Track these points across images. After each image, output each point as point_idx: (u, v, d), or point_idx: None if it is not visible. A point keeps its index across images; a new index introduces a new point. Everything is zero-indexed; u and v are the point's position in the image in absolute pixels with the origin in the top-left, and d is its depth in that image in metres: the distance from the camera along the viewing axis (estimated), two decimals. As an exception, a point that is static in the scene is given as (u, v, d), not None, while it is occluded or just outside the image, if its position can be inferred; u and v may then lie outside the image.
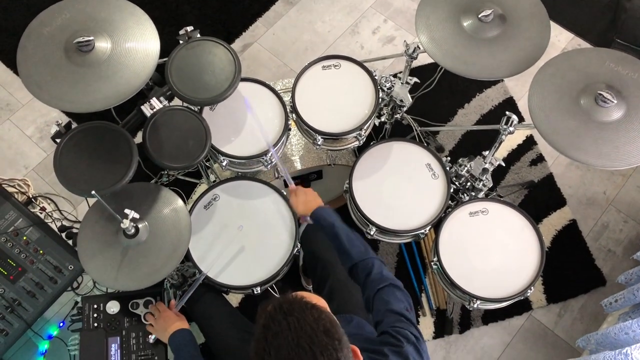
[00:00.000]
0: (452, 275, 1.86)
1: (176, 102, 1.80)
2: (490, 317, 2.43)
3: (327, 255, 1.92)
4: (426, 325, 2.41)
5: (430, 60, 1.88)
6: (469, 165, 2.01)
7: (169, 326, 1.66)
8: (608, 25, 3.07)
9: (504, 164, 2.02)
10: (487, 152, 1.97)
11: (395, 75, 2.11)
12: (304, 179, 2.27)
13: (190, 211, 1.88)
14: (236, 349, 1.68)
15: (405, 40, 2.06)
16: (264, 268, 1.85)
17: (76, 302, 1.87)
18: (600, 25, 3.08)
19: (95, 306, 1.84)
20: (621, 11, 2.98)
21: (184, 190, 2.51)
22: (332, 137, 1.93)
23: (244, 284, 1.82)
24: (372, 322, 1.47)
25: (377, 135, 2.54)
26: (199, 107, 1.91)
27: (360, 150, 2.06)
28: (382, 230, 1.93)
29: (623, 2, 2.93)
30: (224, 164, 1.91)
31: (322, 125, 1.92)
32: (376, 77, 2.00)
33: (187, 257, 1.81)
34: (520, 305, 2.39)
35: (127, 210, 1.57)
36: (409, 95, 2.10)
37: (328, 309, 1.14)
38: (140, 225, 1.65)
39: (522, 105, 2.87)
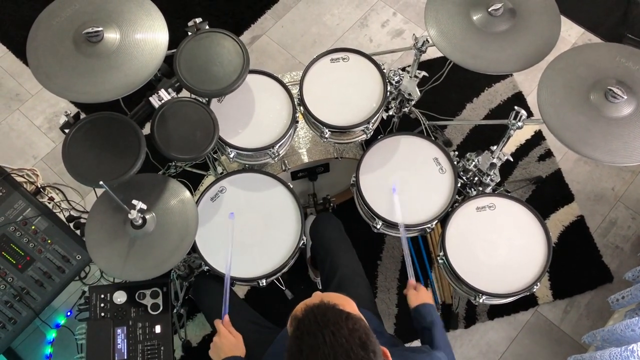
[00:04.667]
0: (458, 270, 1.86)
1: (184, 93, 1.80)
2: (496, 312, 2.43)
3: (336, 247, 1.93)
4: (431, 319, 2.41)
5: (439, 54, 1.87)
6: (476, 160, 2.01)
7: (222, 352, 1.63)
8: (619, 20, 3.04)
9: (512, 159, 2.01)
10: (495, 147, 1.96)
11: (403, 69, 2.10)
12: (311, 171, 2.27)
13: (197, 203, 1.88)
14: (243, 340, 1.68)
15: (414, 34, 2.05)
16: (270, 260, 1.85)
17: (83, 292, 1.88)
18: (611, 20, 3.06)
19: (103, 296, 1.85)
20: (632, 6, 2.96)
21: (192, 181, 2.52)
22: (340, 130, 1.93)
23: (250, 276, 1.83)
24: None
25: (385, 129, 2.54)
26: (207, 99, 1.91)
27: (367, 144, 2.06)
28: (388, 224, 1.93)
29: (635, -3, 2.91)
30: (231, 155, 1.91)
31: (330, 118, 1.92)
32: (384, 71, 1.99)
33: (194, 248, 1.82)
34: (526, 301, 2.39)
35: (134, 201, 1.57)
36: (417, 89, 2.09)
37: (359, 313, 1.13)
38: (147, 216, 1.66)
39: (531, 100, 2.86)
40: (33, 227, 1.96)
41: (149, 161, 2.13)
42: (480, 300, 1.85)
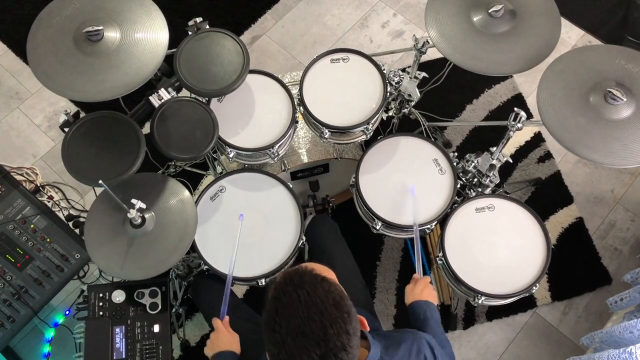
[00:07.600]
0: (457, 270, 1.86)
1: (184, 93, 1.80)
2: (494, 313, 2.43)
3: (332, 249, 1.93)
4: (430, 320, 2.41)
5: (440, 55, 1.87)
6: (476, 161, 2.01)
7: (217, 347, 1.64)
8: (619, 22, 3.04)
9: (511, 161, 2.02)
10: (494, 148, 1.96)
11: (404, 70, 2.11)
12: (311, 172, 2.27)
13: (197, 202, 1.88)
14: (241, 339, 1.68)
15: (414, 35, 2.05)
16: (269, 260, 1.85)
17: (82, 291, 1.88)
18: (611, 22, 3.06)
19: (101, 295, 1.85)
20: (633, 8, 2.96)
21: (191, 181, 2.51)
22: (340, 131, 1.93)
23: (249, 276, 1.83)
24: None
25: (385, 130, 2.54)
26: (207, 99, 1.91)
27: (367, 144, 2.06)
28: (387, 224, 1.93)
29: (635, -1, 2.91)
30: (230, 155, 1.91)
31: (330, 119, 1.92)
32: (385, 71, 1.99)
33: (193, 248, 1.82)
34: (525, 302, 2.38)
35: (133, 200, 1.57)
36: (417, 90, 2.09)
37: (337, 281, 1.17)
38: (146, 216, 1.66)
39: (531, 101, 2.86)
40: (32, 226, 1.96)
41: (148, 160, 2.14)
42: (479, 301, 1.85)
